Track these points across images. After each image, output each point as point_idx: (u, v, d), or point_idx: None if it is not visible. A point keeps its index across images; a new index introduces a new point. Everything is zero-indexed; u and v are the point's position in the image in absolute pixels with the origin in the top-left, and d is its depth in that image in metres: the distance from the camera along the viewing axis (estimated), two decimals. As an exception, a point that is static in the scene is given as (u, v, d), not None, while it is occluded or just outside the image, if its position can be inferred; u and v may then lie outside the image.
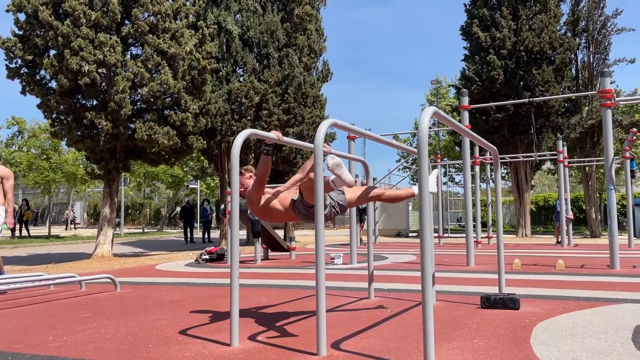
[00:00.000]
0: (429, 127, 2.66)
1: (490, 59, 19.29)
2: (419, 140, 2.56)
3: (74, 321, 4.20)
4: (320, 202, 2.99)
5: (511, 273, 6.68)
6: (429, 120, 2.65)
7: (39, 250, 18.52)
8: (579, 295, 4.83)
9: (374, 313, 4.18)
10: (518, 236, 20.60)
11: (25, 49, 11.54)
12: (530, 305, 4.36)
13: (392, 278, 6.55)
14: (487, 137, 20.14)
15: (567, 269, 7.14)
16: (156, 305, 4.88)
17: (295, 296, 5.20)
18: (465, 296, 4.93)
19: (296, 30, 17.03)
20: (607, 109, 7.08)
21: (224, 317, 4.15)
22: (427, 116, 2.61)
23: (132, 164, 14.65)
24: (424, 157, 2.54)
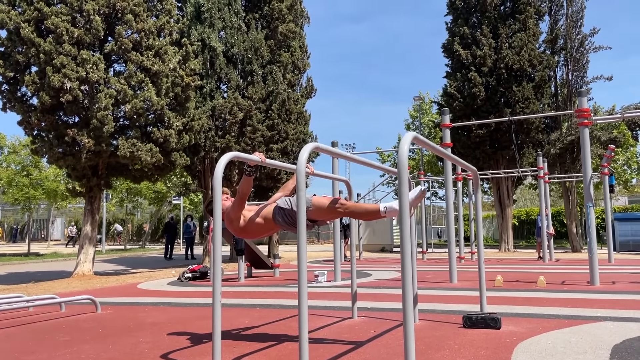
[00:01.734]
0: (411, 145, 2.70)
1: (471, 76, 19.60)
2: (399, 166, 2.60)
3: (53, 345, 4.13)
4: (302, 226, 3.01)
5: (493, 290, 6.74)
6: (409, 145, 2.69)
7: (18, 268, 18.18)
8: (559, 314, 4.89)
9: (357, 334, 4.19)
10: (501, 251, 20.78)
11: (6, 65, 11.45)
12: (511, 324, 4.40)
13: (376, 296, 6.56)
14: (469, 152, 20.43)
15: (548, 285, 7.22)
16: (137, 328, 4.82)
17: (278, 316, 5.18)
18: (447, 315, 4.96)
19: (280, 47, 17.15)
20: (584, 128, 7.23)
21: (206, 339, 4.13)
22: (407, 142, 2.66)
23: (114, 180, 14.51)
24: (404, 183, 2.58)
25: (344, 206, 3.76)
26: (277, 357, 3.55)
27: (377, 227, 24.05)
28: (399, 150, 2.62)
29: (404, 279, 2.55)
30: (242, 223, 3.93)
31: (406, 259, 2.57)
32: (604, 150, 17.59)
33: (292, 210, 3.83)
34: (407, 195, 2.57)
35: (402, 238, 2.55)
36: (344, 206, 3.76)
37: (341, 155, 3.88)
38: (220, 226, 3.30)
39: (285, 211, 3.86)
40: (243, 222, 3.94)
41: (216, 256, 3.32)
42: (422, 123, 34.93)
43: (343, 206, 3.76)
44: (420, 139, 2.93)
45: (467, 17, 20.80)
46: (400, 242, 2.59)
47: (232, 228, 3.99)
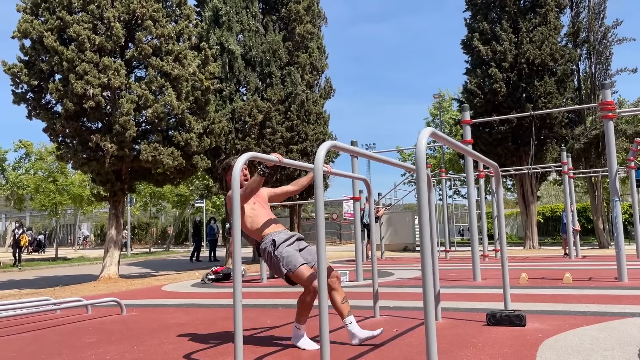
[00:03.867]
0: (433, 142, 2.67)
1: (491, 72, 19.37)
2: (417, 162, 2.58)
3: (79, 347, 4.20)
4: (321, 224, 3.00)
5: (518, 288, 6.64)
6: (427, 141, 2.66)
7: (47, 272, 18.56)
8: (586, 310, 4.80)
9: (379, 333, 4.16)
10: (525, 248, 20.47)
11: (31, 74, 11.71)
12: (536, 321, 4.33)
13: (398, 295, 6.52)
14: (491, 149, 20.19)
15: (575, 282, 7.09)
16: (162, 329, 4.88)
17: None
18: (471, 313, 4.90)
19: (298, 48, 17.20)
20: (609, 121, 7.09)
21: (229, 339, 4.15)
22: (424, 138, 2.63)
23: (137, 184, 14.70)
24: (423, 179, 2.55)
25: (315, 290, 3.65)
26: (299, 357, 3.56)
27: (399, 226, 23.92)
28: (416, 146, 2.60)
29: (424, 276, 2.52)
30: (245, 213, 3.88)
31: (426, 256, 2.55)
32: (630, 144, 17.21)
33: (272, 255, 3.77)
34: (425, 190, 2.55)
35: (422, 235, 2.53)
36: (315, 290, 3.65)
37: (359, 153, 3.87)
38: (239, 225, 3.31)
39: (266, 250, 3.80)
40: (245, 213, 3.89)
41: (236, 256, 3.34)
42: (443, 121, 34.63)
43: (314, 290, 3.65)
44: (439, 135, 2.90)
45: (486, 13, 20.55)
46: (420, 240, 2.57)
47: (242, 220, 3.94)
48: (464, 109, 8.15)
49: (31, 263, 22.05)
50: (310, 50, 17.52)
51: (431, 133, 2.80)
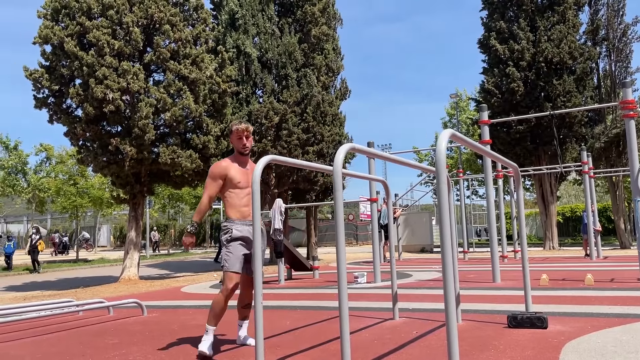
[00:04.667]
0: (450, 142, 2.66)
1: (509, 71, 19.20)
2: (437, 164, 2.57)
3: (102, 348, 4.27)
4: (341, 226, 3.01)
5: (538, 289, 6.57)
6: (447, 143, 2.66)
7: (68, 274, 18.85)
8: (609, 312, 4.73)
9: (399, 334, 4.16)
10: (545, 249, 20.24)
11: (52, 79, 11.91)
12: (558, 323, 4.29)
13: (417, 297, 6.50)
14: (509, 149, 20.01)
15: (597, 283, 7.00)
16: (182, 330, 4.93)
17: (319, 318, 5.20)
18: (491, 315, 4.87)
19: (313, 50, 17.24)
20: (630, 120, 6.98)
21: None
22: (445, 140, 2.63)
23: (156, 186, 14.85)
24: (443, 181, 2.55)
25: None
26: (320, 357, 3.57)
27: (417, 227, 23.82)
28: (436, 148, 2.60)
29: (445, 277, 2.52)
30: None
31: (447, 258, 2.54)
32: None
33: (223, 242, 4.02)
34: (445, 195, 2.54)
35: (443, 237, 2.53)
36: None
37: (377, 155, 3.86)
38: (259, 229, 3.34)
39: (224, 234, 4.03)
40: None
41: (257, 259, 3.37)
42: (460, 120, 34.42)
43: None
44: (458, 136, 2.89)
45: (503, 11, 20.38)
46: (441, 241, 2.56)
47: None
48: (481, 109, 8.10)
49: (52, 265, 22.40)
50: (326, 52, 17.56)
51: (451, 135, 2.79)
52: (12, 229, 72.45)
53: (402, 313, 5.06)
